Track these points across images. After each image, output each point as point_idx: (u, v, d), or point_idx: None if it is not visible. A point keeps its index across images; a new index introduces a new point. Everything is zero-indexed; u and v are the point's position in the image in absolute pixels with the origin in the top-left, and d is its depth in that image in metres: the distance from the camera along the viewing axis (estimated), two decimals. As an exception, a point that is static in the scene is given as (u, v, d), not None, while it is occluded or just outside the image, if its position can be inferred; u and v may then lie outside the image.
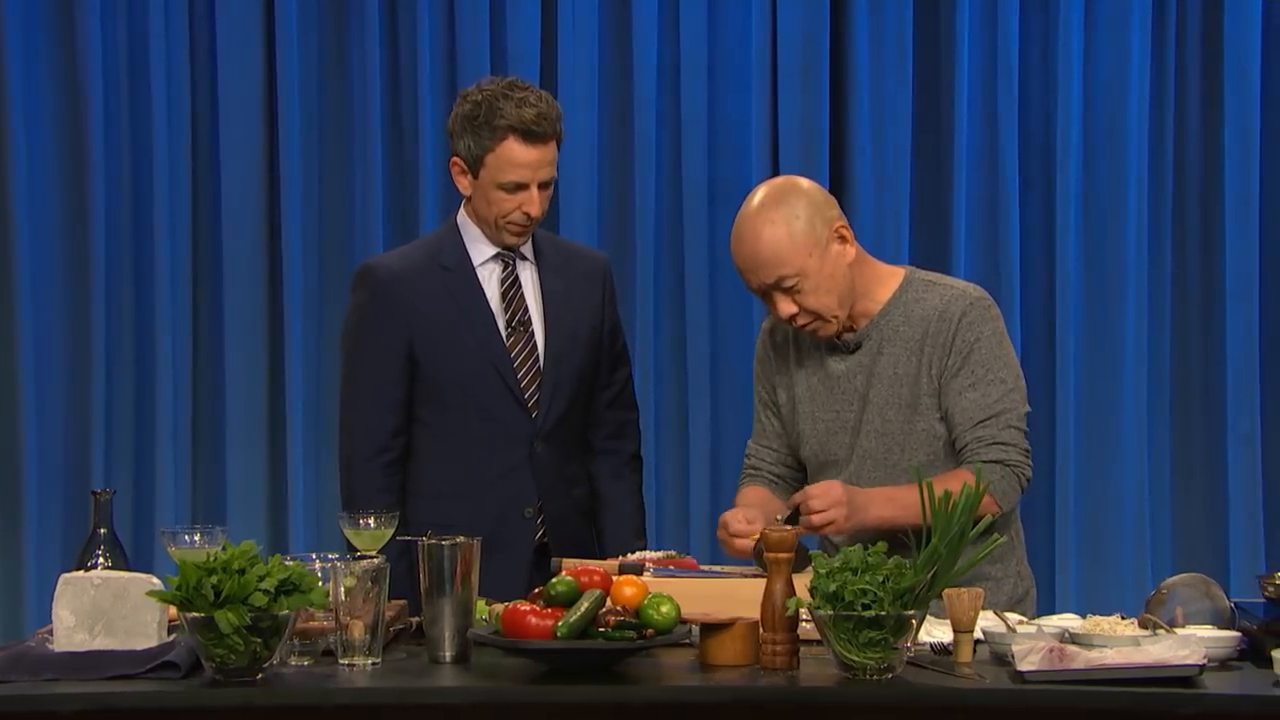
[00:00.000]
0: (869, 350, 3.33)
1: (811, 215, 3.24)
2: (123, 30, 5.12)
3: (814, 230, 3.23)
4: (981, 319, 3.30)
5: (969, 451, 3.26)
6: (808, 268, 3.22)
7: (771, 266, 3.22)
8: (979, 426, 3.26)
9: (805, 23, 5.08)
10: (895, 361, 3.31)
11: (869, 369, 3.32)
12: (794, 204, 3.24)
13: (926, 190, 5.15)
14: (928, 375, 3.29)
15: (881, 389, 3.31)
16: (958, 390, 3.27)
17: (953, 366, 3.28)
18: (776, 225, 3.22)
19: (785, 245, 3.22)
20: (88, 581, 2.77)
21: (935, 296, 3.33)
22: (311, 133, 5.15)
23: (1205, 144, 5.13)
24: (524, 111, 3.40)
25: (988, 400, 3.27)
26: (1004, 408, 3.27)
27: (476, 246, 3.53)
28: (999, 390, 3.28)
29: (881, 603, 2.60)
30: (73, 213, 5.12)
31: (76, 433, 5.10)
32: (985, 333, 3.29)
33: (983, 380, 3.27)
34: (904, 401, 3.30)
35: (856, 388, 3.33)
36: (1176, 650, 2.61)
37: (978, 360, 3.28)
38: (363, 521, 3.03)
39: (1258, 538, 4.99)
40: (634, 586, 2.78)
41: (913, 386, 3.30)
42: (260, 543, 2.74)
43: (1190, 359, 5.13)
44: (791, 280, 3.22)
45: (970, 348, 3.28)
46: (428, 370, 3.49)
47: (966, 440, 3.27)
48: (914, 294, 3.34)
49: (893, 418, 3.31)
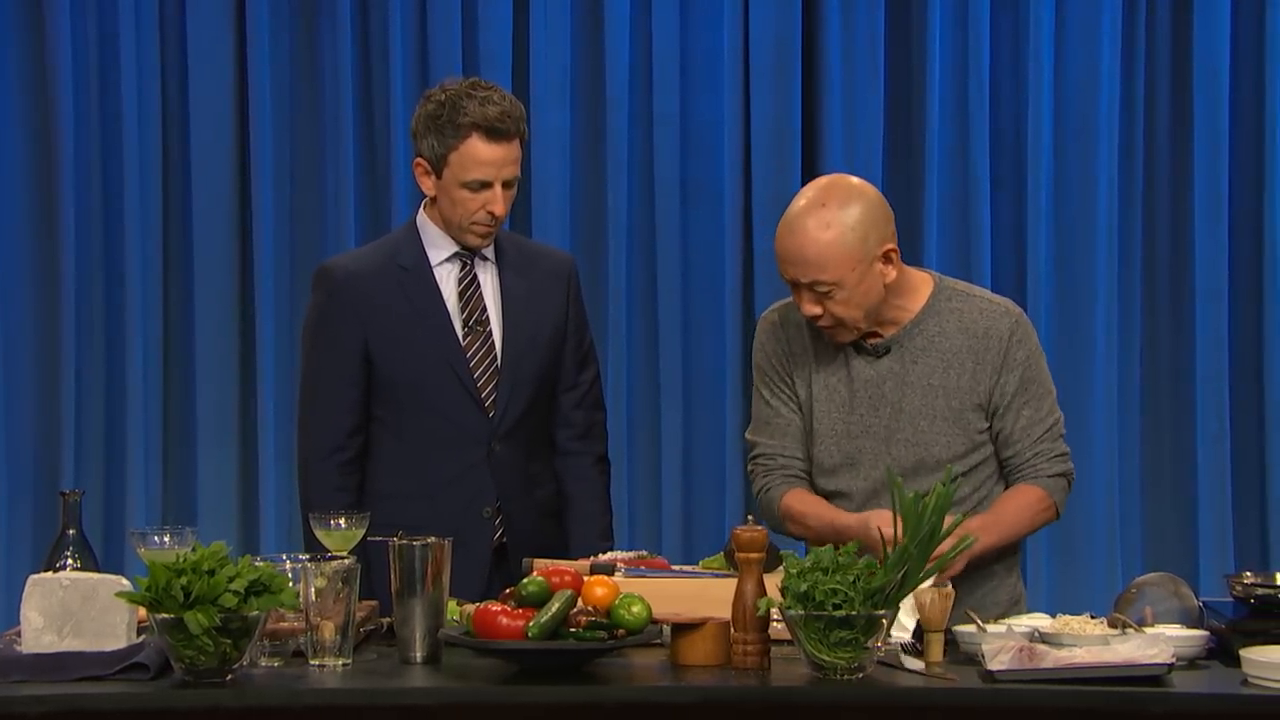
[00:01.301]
0: (900, 357, 3.29)
1: (868, 230, 3.18)
2: (93, 29, 5.09)
3: (866, 245, 3.18)
4: (1028, 335, 3.32)
5: (1029, 468, 3.29)
6: (847, 280, 3.17)
7: (812, 268, 3.16)
8: (1038, 443, 3.30)
9: (777, 23, 5.09)
10: (931, 372, 3.28)
11: (901, 376, 3.29)
12: (854, 211, 3.18)
13: (898, 189, 5.15)
14: (972, 391, 3.28)
15: (915, 399, 3.28)
16: (1015, 410, 3.29)
17: (1007, 386, 3.28)
18: (830, 230, 3.15)
19: (833, 253, 3.15)
20: (56, 583, 2.75)
21: (973, 309, 3.31)
22: (283, 133, 5.13)
23: (1175, 143, 5.15)
24: (487, 109, 3.40)
25: (1041, 415, 3.30)
26: (1054, 419, 3.33)
27: (435, 246, 3.53)
28: (1048, 403, 3.32)
29: (852, 602, 2.61)
30: (42, 212, 5.09)
31: (46, 433, 5.08)
32: (1033, 349, 3.32)
33: (1036, 396, 3.30)
34: (940, 413, 3.28)
35: (886, 394, 3.29)
36: (1145, 649, 2.62)
37: (1030, 378, 3.30)
38: (333, 522, 3.03)
39: (1226, 537, 5.01)
40: (605, 587, 2.78)
41: (955, 400, 3.28)
42: (231, 544, 2.73)
43: (1160, 359, 5.15)
44: (827, 286, 3.17)
45: (1024, 366, 3.29)
46: (384, 370, 3.49)
47: (1027, 456, 3.29)
48: (947, 303, 3.32)
49: (926, 428, 3.28)
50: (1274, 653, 2.63)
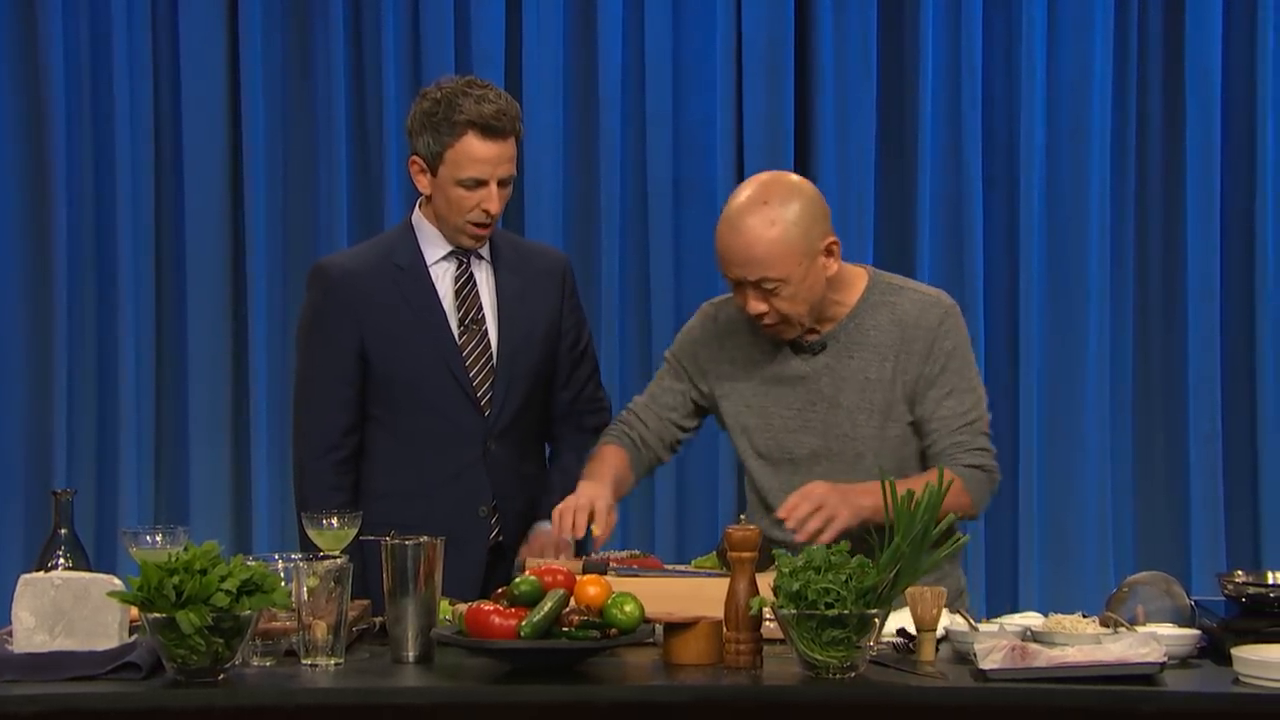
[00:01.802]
0: (835, 352, 3.32)
1: (810, 224, 3.21)
2: (85, 29, 5.09)
3: (809, 240, 3.21)
4: (957, 327, 3.33)
5: (946, 457, 3.27)
6: (793, 275, 3.20)
7: (760, 266, 3.19)
8: (957, 433, 3.29)
9: (770, 22, 5.09)
10: (865, 366, 3.31)
11: (836, 371, 3.32)
12: (795, 207, 3.20)
13: (891, 190, 5.16)
14: (901, 381, 3.30)
15: (851, 393, 3.31)
16: (936, 399, 3.29)
17: (930, 374, 3.29)
18: (775, 226, 3.18)
19: (778, 249, 3.18)
20: (48, 582, 2.75)
21: (906, 302, 3.33)
22: (276, 133, 5.13)
23: (1167, 144, 5.15)
24: (483, 107, 3.40)
25: (963, 408, 3.30)
26: (977, 415, 3.31)
27: (430, 245, 3.52)
28: (972, 398, 3.32)
29: (844, 602, 2.61)
30: (34, 212, 5.09)
31: (38, 432, 5.08)
32: (961, 342, 3.32)
33: (959, 389, 3.30)
34: (875, 406, 3.30)
35: (822, 390, 3.32)
36: (1137, 648, 2.62)
37: (954, 369, 3.30)
38: (326, 521, 3.03)
39: (1219, 536, 5.02)
40: (598, 586, 2.78)
41: (885, 392, 3.30)
42: (223, 543, 2.72)
43: (1152, 359, 5.16)
44: (773, 283, 3.20)
45: (948, 356, 3.30)
46: (379, 369, 3.49)
47: (944, 446, 3.29)
48: (881, 298, 3.34)
49: (863, 422, 3.31)
50: (1265, 652, 2.63)
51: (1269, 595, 2.88)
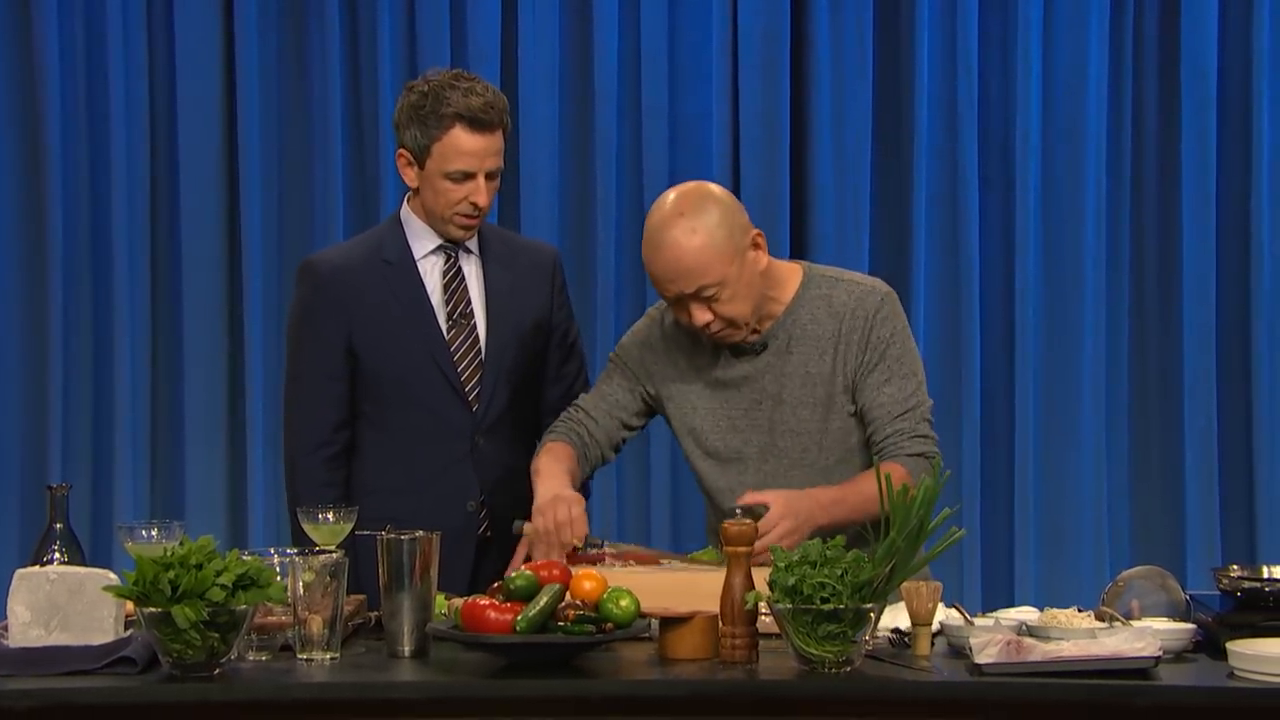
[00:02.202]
0: (776, 350, 3.32)
1: (730, 223, 3.21)
2: (80, 28, 5.09)
3: (734, 238, 3.20)
4: (894, 314, 3.32)
5: (890, 445, 3.27)
6: (728, 276, 3.19)
7: (694, 276, 3.18)
8: (898, 420, 3.28)
9: (766, 17, 5.09)
10: (806, 360, 3.31)
11: (778, 369, 3.31)
12: (712, 212, 3.20)
13: (887, 188, 5.16)
14: (841, 372, 3.30)
15: (794, 388, 3.31)
16: (875, 385, 3.29)
17: (869, 362, 3.29)
18: (698, 234, 3.17)
19: (708, 254, 3.17)
20: (43, 576, 2.75)
21: (842, 293, 3.33)
22: (271, 130, 5.13)
23: (1163, 143, 5.16)
24: (471, 100, 3.40)
25: (903, 394, 3.29)
26: (918, 401, 3.30)
27: (419, 240, 3.52)
28: (913, 384, 3.31)
29: (840, 596, 2.61)
30: (30, 210, 5.08)
31: (33, 427, 5.07)
32: (898, 327, 3.32)
33: (898, 375, 3.30)
34: (818, 400, 3.30)
35: (766, 388, 3.32)
36: (1132, 642, 2.63)
37: (893, 356, 3.30)
38: (321, 516, 3.03)
39: (1213, 531, 5.02)
40: (593, 580, 2.78)
41: (827, 385, 3.30)
42: (219, 538, 2.72)
43: (1148, 355, 5.16)
44: (712, 289, 3.19)
45: (886, 343, 3.30)
46: (368, 364, 3.48)
47: (886, 434, 3.28)
48: (818, 291, 3.34)
49: (807, 416, 3.31)
50: (1260, 645, 2.63)
51: (1264, 590, 2.89)
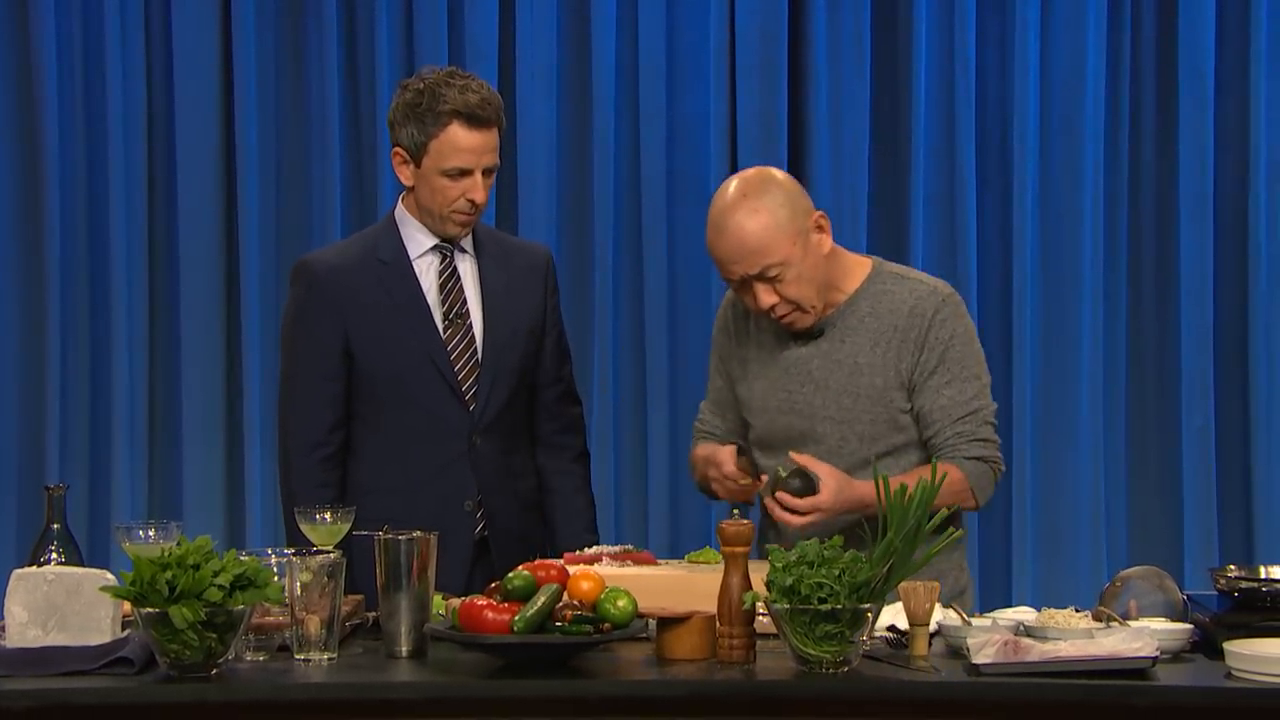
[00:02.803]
0: (832, 338, 3.33)
1: (793, 205, 3.25)
2: (78, 28, 5.08)
3: (796, 220, 3.23)
4: (954, 315, 3.32)
5: (949, 448, 3.28)
6: (792, 257, 3.22)
7: (757, 256, 3.21)
8: (958, 423, 3.29)
9: (763, 17, 5.08)
10: (858, 351, 3.32)
11: (829, 355, 3.33)
12: (775, 194, 3.24)
13: (884, 187, 5.16)
14: (895, 370, 3.30)
15: (841, 377, 3.32)
16: (934, 388, 3.29)
17: (927, 364, 3.30)
18: (761, 214, 3.21)
19: (772, 234, 3.21)
20: (41, 577, 2.75)
21: (905, 290, 3.34)
22: (268, 131, 5.12)
23: (1160, 143, 5.15)
24: (468, 97, 3.40)
25: (964, 397, 3.30)
26: (980, 405, 3.32)
27: (414, 239, 3.52)
28: (974, 387, 3.32)
29: (838, 596, 2.61)
30: (28, 210, 5.08)
31: (30, 427, 5.07)
32: (959, 330, 3.32)
33: (959, 378, 3.30)
34: (863, 391, 3.31)
35: (811, 373, 3.34)
36: (1129, 642, 2.63)
37: (953, 358, 3.30)
38: (319, 517, 3.03)
39: (1211, 531, 5.02)
40: (591, 580, 2.78)
41: (878, 378, 3.31)
42: (217, 539, 2.72)
43: (1145, 354, 5.16)
44: (776, 270, 3.22)
45: (946, 345, 3.30)
46: (364, 364, 3.48)
47: (946, 436, 3.29)
48: (881, 286, 3.35)
49: (850, 406, 3.31)
50: (1258, 646, 2.64)
51: (1261, 590, 2.89)
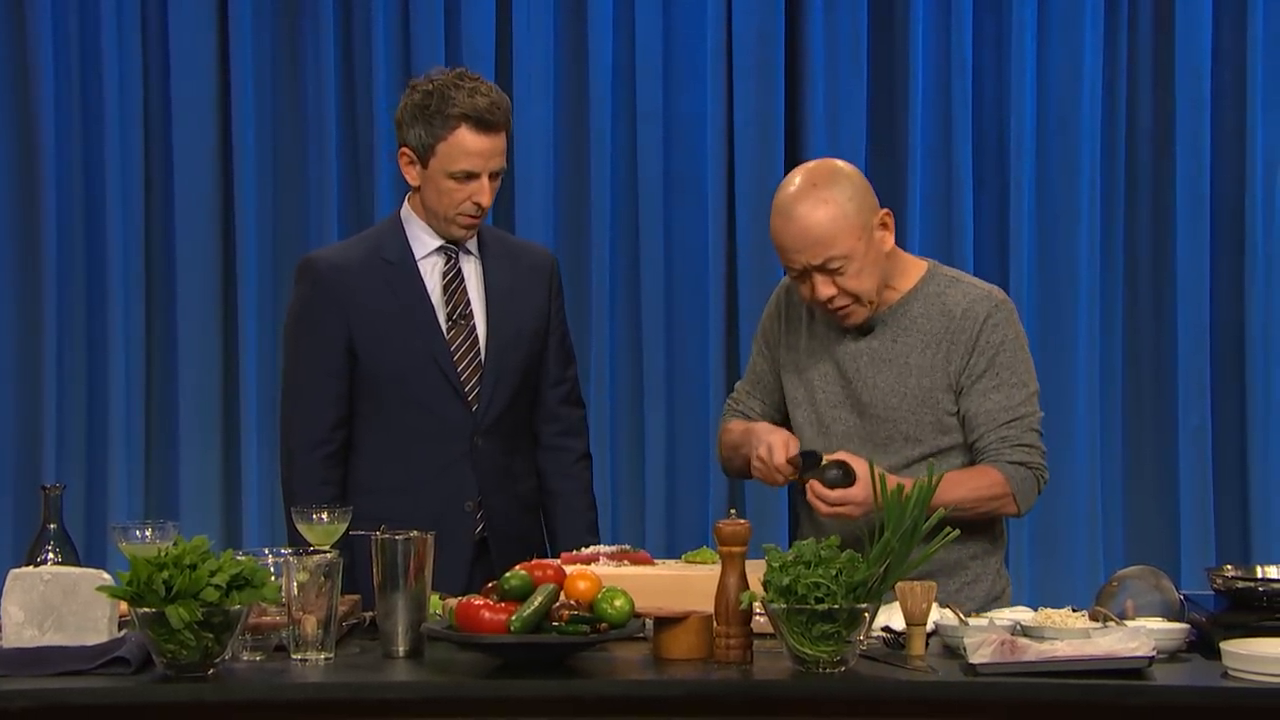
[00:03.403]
0: (883, 336, 3.34)
1: (860, 199, 3.25)
2: (74, 27, 5.08)
3: (863, 214, 3.24)
4: (1006, 321, 3.32)
5: (992, 452, 3.28)
6: (855, 250, 3.22)
7: (823, 246, 3.21)
8: (1003, 428, 3.28)
9: (760, 18, 5.09)
10: (909, 351, 3.32)
11: (879, 354, 3.33)
12: (844, 185, 3.24)
13: (881, 188, 5.10)
14: (944, 372, 3.30)
15: (891, 376, 3.32)
16: (981, 392, 3.29)
17: (976, 367, 3.29)
18: (830, 205, 3.21)
19: (839, 225, 3.21)
20: (37, 577, 2.75)
21: (959, 294, 3.34)
22: (265, 130, 5.13)
23: (1157, 143, 5.16)
24: (477, 100, 3.40)
25: (1011, 403, 3.29)
26: (1026, 411, 3.31)
27: (419, 240, 3.52)
28: (1022, 394, 3.31)
29: (834, 596, 2.61)
30: (24, 210, 5.08)
31: (27, 427, 5.07)
32: (1010, 336, 3.31)
33: (1007, 383, 3.30)
34: (910, 391, 3.31)
35: (861, 369, 3.33)
36: (1126, 642, 2.63)
37: (1002, 363, 3.30)
38: (316, 516, 3.03)
39: (1208, 531, 5.03)
40: (588, 580, 2.78)
41: (926, 379, 3.30)
42: (213, 538, 2.72)
43: (1142, 354, 5.17)
44: (839, 262, 3.22)
45: (996, 350, 3.30)
46: (367, 363, 3.48)
47: (990, 441, 3.29)
48: (936, 288, 3.35)
49: (897, 405, 3.31)
50: (1254, 645, 2.64)
51: (1258, 590, 2.89)
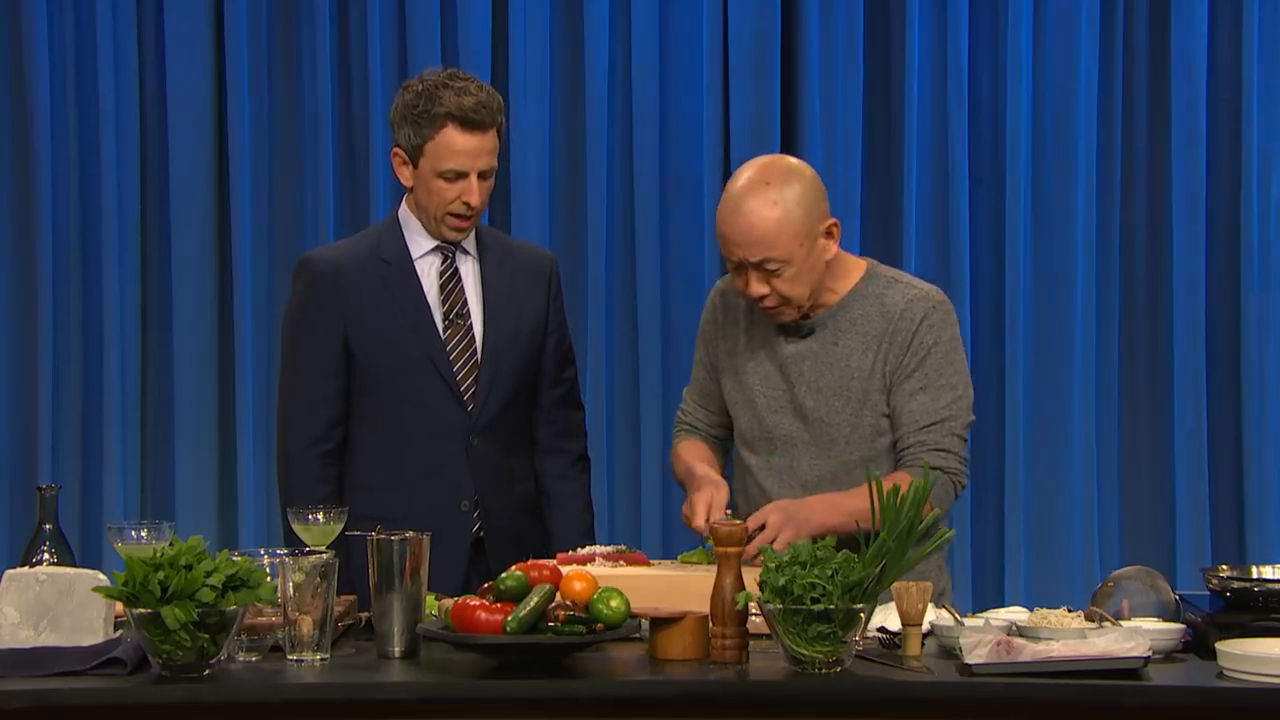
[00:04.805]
0: (823, 338, 3.34)
1: (811, 205, 3.23)
2: (70, 27, 5.08)
3: (810, 220, 3.23)
4: (942, 323, 3.32)
5: (910, 454, 3.28)
6: (795, 255, 3.21)
7: (763, 246, 3.20)
8: (924, 431, 3.28)
9: (756, 19, 5.09)
10: (850, 354, 3.32)
11: (820, 357, 3.33)
12: (796, 188, 3.22)
13: (877, 187, 5.16)
14: (881, 371, 3.31)
15: (832, 378, 3.32)
16: (909, 392, 3.29)
17: (907, 367, 3.29)
18: (778, 207, 3.20)
19: (783, 228, 3.20)
20: (33, 577, 2.75)
21: (898, 294, 3.34)
22: (261, 129, 5.12)
23: (1152, 141, 5.16)
24: (464, 100, 3.41)
25: (936, 405, 3.29)
26: (950, 414, 3.30)
27: (416, 239, 3.53)
28: (948, 396, 3.30)
29: (830, 596, 2.61)
30: (20, 208, 5.08)
31: (23, 427, 5.07)
32: (944, 337, 3.31)
33: (934, 384, 3.30)
34: (854, 394, 3.31)
35: (804, 372, 3.34)
36: (1122, 643, 2.63)
37: (932, 365, 3.29)
38: (311, 517, 3.03)
39: (1203, 531, 5.03)
40: (584, 581, 2.78)
41: (865, 381, 3.31)
42: (209, 539, 2.72)
43: (1138, 354, 5.17)
44: (776, 264, 3.21)
45: (927, 351, 3.30)
46: (364, 362, 3.49)
47: (909, 443, 3.29)
48: (876, 288, 3.35)
49: (840, 408, 3.31)
50: (1250, 646, 2.64)
51: (1253, 590, 2.89)
